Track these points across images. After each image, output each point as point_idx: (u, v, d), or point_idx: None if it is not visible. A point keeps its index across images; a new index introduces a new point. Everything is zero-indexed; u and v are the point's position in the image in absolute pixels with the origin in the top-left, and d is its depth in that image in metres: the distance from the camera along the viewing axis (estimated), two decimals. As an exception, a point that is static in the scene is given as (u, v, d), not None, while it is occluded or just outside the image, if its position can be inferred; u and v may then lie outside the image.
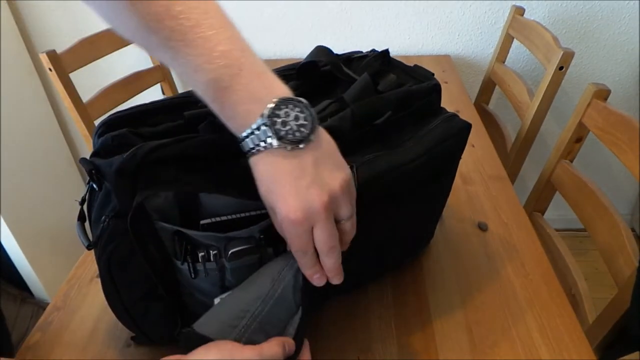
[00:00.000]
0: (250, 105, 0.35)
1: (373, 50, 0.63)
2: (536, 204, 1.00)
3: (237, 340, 0.39)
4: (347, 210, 0.39)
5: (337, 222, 0.39)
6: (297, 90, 0.41)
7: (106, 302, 0.63)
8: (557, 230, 0.92)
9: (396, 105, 0.51)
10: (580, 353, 0.54)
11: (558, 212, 1.58)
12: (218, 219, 0.45)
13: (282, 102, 0.35)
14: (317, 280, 0.41)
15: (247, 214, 0.46)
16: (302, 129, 0.35)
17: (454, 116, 0.54)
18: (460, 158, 0.58)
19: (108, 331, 0.58)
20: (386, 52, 0.60)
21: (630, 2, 1.34)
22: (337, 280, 0.41)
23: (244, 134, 0.36)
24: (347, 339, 0.56)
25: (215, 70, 0.34)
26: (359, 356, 0.54)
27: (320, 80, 0.56)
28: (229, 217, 0.46)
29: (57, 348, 0.57)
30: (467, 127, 0.54)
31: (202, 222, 0.45)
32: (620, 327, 0.69)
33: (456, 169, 0.59)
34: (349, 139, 0.46)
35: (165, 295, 0.47)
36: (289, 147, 0.35)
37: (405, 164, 0.48)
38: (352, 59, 0.61)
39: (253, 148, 0.36)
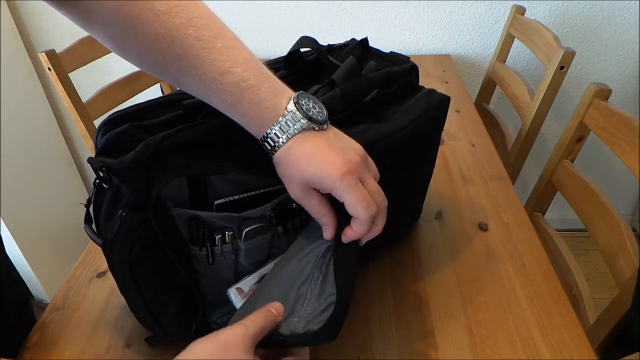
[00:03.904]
0: (275, 99, 0.41)
1: (353, 39, 0.65)
2: (537, 204, 0.99)
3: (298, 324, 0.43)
4: (374, 167, 0.45)
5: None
6: (286, 79, 0.44)
7: (105, 302, 0.63)
8: (557, 230, 0.92)
9: (380, 84, 0.55)
10: (581, 353, 0.54)
11: (559, 212, 1.58)
12: (231, 198, 0.46)
13: (300, 94, 0.42)
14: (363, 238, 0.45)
15: (257, 192, 0.47)
16: (321, 113, 0.42)
17: (433, 91, 0.59)
18: (442, 129, 0.61)
19: (108, 331, 0.58)
20: (365, 40, 0.63)
21: (630, 1, 1.34)
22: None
23: (274, 126, 0.40)
24: (347, 338, 0.56)
25: (244, 72, 0.39)
26: (359, 356, 0.54)
27: (306, 68, 0.60)
28: (242, 195, 0.47)
29: (56, 348, 0.56)
30: (447, 99, 0.58)
31: (216, 202, 0.46)
32: (622, 327, 0.69)
33: (439, 141, 0.63)
34: (341, 115, 0.50)
35: (188, 280, 0.48)
36: (316, 127, 0.41)
37: (395, 132, 0.52)
38: (334, 48, 0.64)
39: (284, 135, 0.40)
